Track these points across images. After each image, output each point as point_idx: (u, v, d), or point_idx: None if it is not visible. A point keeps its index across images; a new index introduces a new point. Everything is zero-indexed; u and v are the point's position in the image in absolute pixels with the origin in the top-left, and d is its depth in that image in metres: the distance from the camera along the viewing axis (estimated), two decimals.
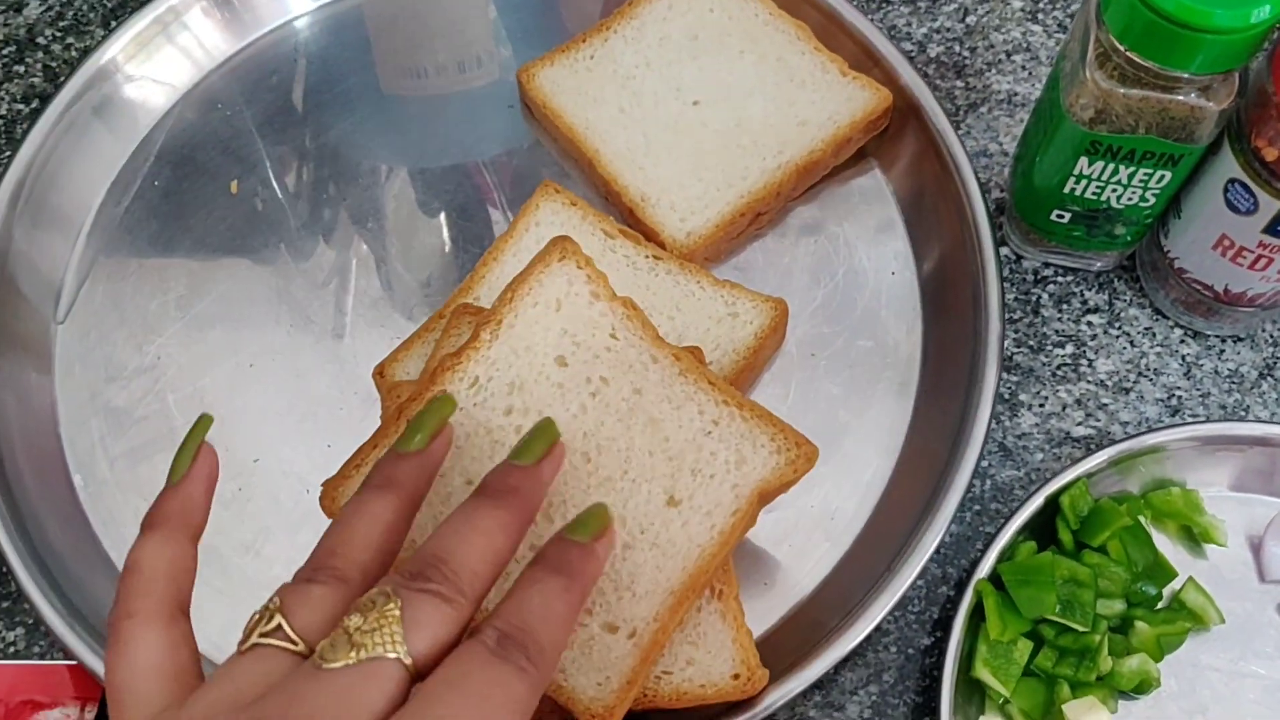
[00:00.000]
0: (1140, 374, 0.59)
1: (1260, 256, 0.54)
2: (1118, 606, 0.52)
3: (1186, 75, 0.48)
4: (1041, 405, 0.59)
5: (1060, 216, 0.58)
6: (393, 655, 0.32)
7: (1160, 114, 0.50)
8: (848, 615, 0.51)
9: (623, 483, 0.49)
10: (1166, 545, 0.56)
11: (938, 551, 0.55)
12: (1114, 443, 0.54)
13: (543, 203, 0.61)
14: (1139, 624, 0.52)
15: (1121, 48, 0.48)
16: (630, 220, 0.62)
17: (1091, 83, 0.50)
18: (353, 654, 0.32)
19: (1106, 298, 0.61)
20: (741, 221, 0.61)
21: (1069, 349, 0.60)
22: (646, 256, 0.59)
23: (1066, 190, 0.56)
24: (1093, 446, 0.57)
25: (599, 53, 0.65)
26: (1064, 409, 0.59)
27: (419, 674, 0.33)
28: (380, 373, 0.57)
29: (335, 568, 0.36)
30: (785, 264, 0.62)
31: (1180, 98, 0.49)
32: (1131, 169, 0.53)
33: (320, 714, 0.31)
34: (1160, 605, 0.54)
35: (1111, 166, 0.53)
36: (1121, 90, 0.50)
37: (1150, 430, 0.55)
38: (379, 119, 0.67)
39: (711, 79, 0.64)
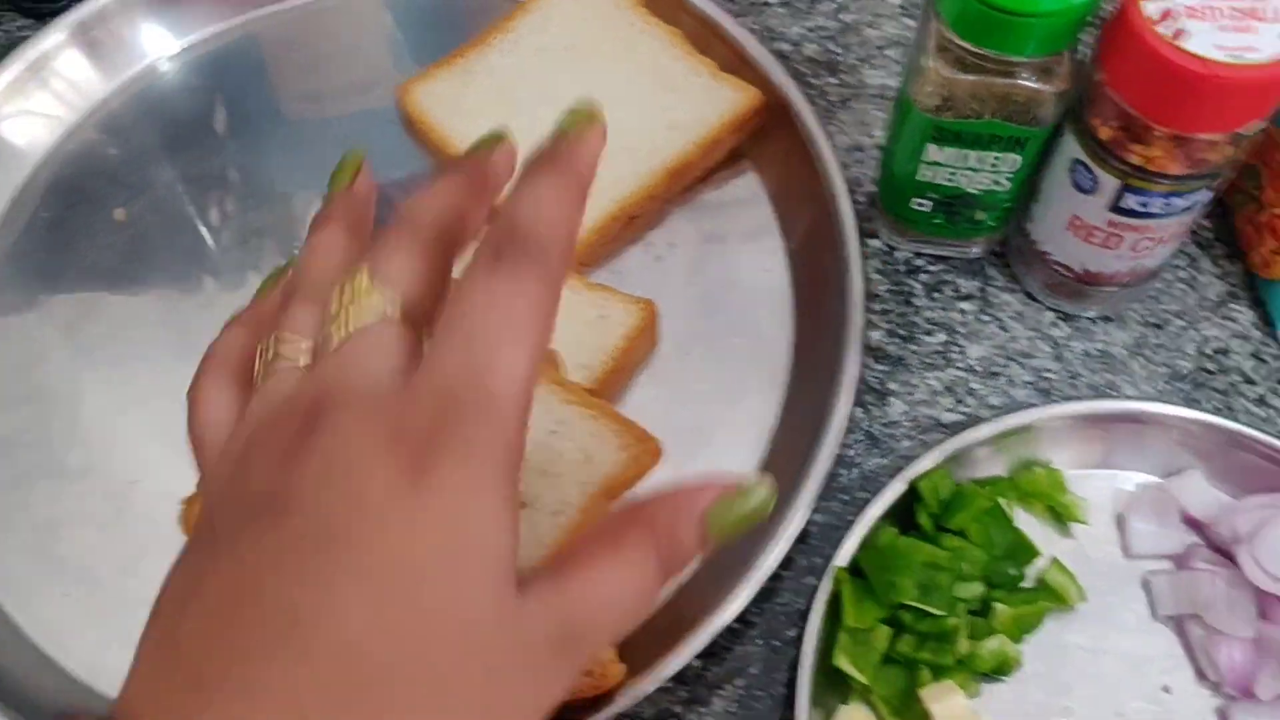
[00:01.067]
0: (1010, 358, 0.60)
1: (1111, 234, 0.54)
2: (977, 589, 0.53)
3: (1021, 60, 0.49)
4: (911, 393, 0.59)
5: (920, 205, 0.58)
6: (375, 308, 0.33)
7: (1003, 99, 0.51)
8: (707, 608, 0.52)
9: None
10: (1035, 526, 0.56)
11: (803, 541, 0.56)
12: (976, 427, 0.55)
13: None
14: (998, 605, 0.53)
15: (956, 38, 0.49)
16: None
17: (934, 71, 0.51)
18: (340, 330, 0.33)
19: (979, 285, 0.62)
20: (615, 226, 0.62)
21: (940, 336, 0.61)
22: None
23: (921, 177, 0.56)
24: (960, 430, 0.58)
25: (476, 66, 0.66)
26: (934, 396, 0.59)
27: (412, 313, 0.34)
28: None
29: (307, 287, 0.36)
30: (661, 266, 0.63)
31: (1019, 82, 0.50)
32: (980, 153, 0.54)
33: (329, 393, 0.31)
34: (1024, 585, 0.54)
35: (961, 152, 0.54)
36: (962, 77, 0.51)
37: (1008, 412, 0.56)
38: (274, 142, 0.68)
39: (587, 88, 0.65)
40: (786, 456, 0.57)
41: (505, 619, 0.30)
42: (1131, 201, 0.52)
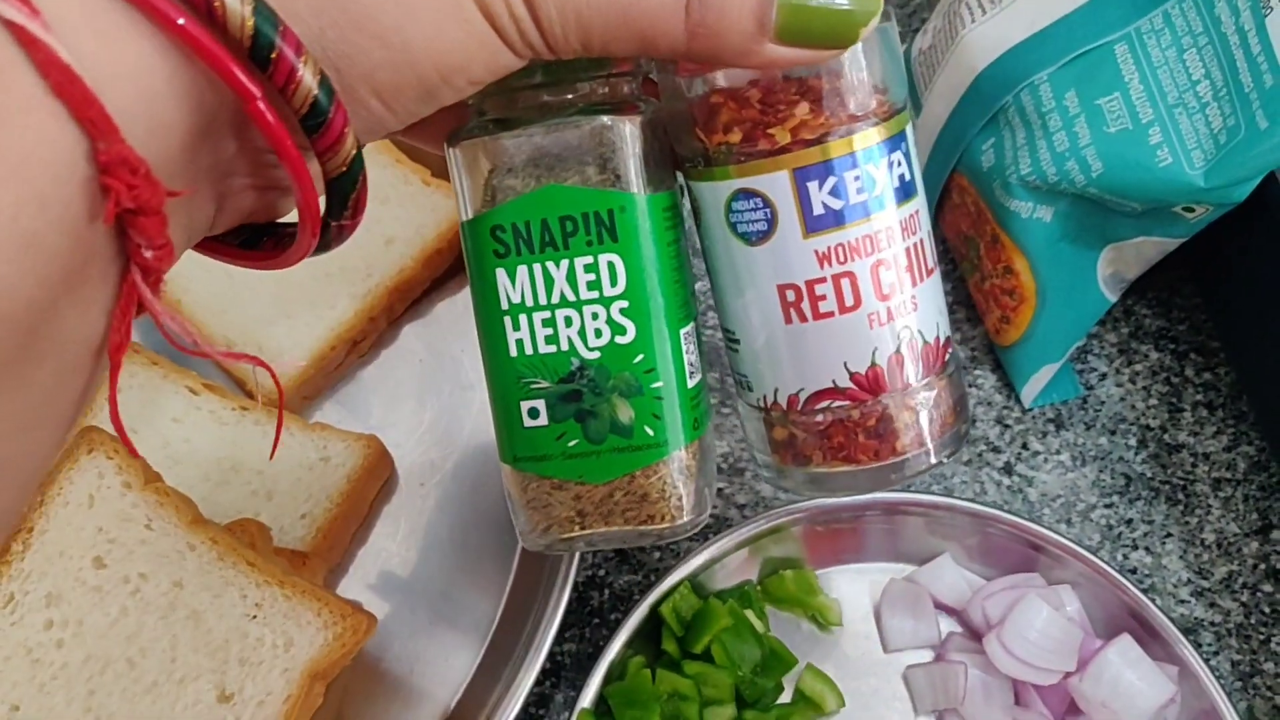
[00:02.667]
0: None
1: (835, 279, 0.35)
2: (728, 712, 0.51)
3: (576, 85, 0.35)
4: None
5: (533, 410, 0.36)
6: None
7: (552, 158, 0.34)
8: None
9: (168, 685, 0.46)
10: (796, 627, 0.55)
11: (555, 675, 0.54)
12: (727, 527, 0.53)
13: (124, 364, 0.57)
14: None
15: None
16: (222, 370, 0.59)
17: (468, 150, 0.35)
18: None
19: (717, 375, 0.60)
20: (335, 355, 0.59)
21: None
22: (233, 409, 0.57)
23: (515, 353, 0.36)
24: (710, 535, 0.56)
25: None
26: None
27: None
28: None
29: None
30: (390, 389, 0.60)
31: (585, 121, 0.34)
32: (567, 261, 0.35)
33: None
34: (783, 698, 0.53)
35: (542, 271, 0.35)
36: (502, 139, 0.34)
37: (759, 509, 0.54)
38: None
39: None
40: (531, 586, 0.54)
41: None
42: (819, 195, 0.34)
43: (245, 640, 0.46)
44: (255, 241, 0.31)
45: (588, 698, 0.50)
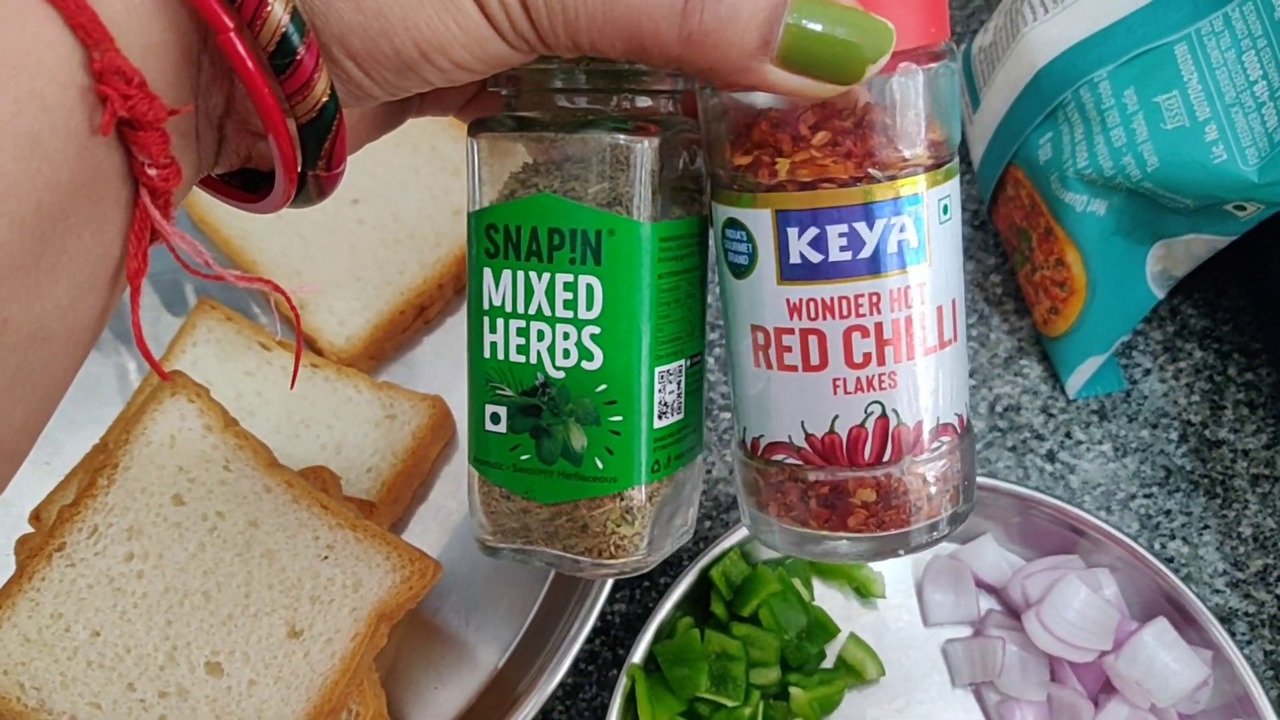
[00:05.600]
0: None
1: (803, 333, 0.33)
2: (773, 675, 0.53)
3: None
4: (710, 471, 0.59)
5: (494, 415, 0.36)
6: None
7: (556, 168, 0.34)
8: (510, 705, 0.51)
9: (244, 619, 0.48)
10: (837, 599, 0.56)
11: (605, 634, 0.55)
12: None
13: (199, 320, 0.60)
14: (793, 689, 0.53)
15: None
16: (293, 330, 0.62)
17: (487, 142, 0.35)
18: None
19: None
20: (404, 319, 0.61)
21: None
22: (304, 365, 0.59)
23: (488, 354, 0.35)
24: None
25: None
26: (731, 473, 0.59)
27: None
28: (37, 516, 0.56)
29: None
30: (455, 356, 0.62)
31: (596, 135, 0.33)
32: (548, 273, 0.34)
33: None
34: (825, 664, 0.54)
35: (522, 276, 0.34)
36: (514, 138, 0.34)
37: None
38: None
39: (367, 175, 0.64)
40: None
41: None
42: (797, 244, 0.32)
43: (317, 579, 0.48)
44: (254, 187, 0.31)
45: (638, 654, 0.52)
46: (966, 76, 0.62)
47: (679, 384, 0.35)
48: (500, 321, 0.34)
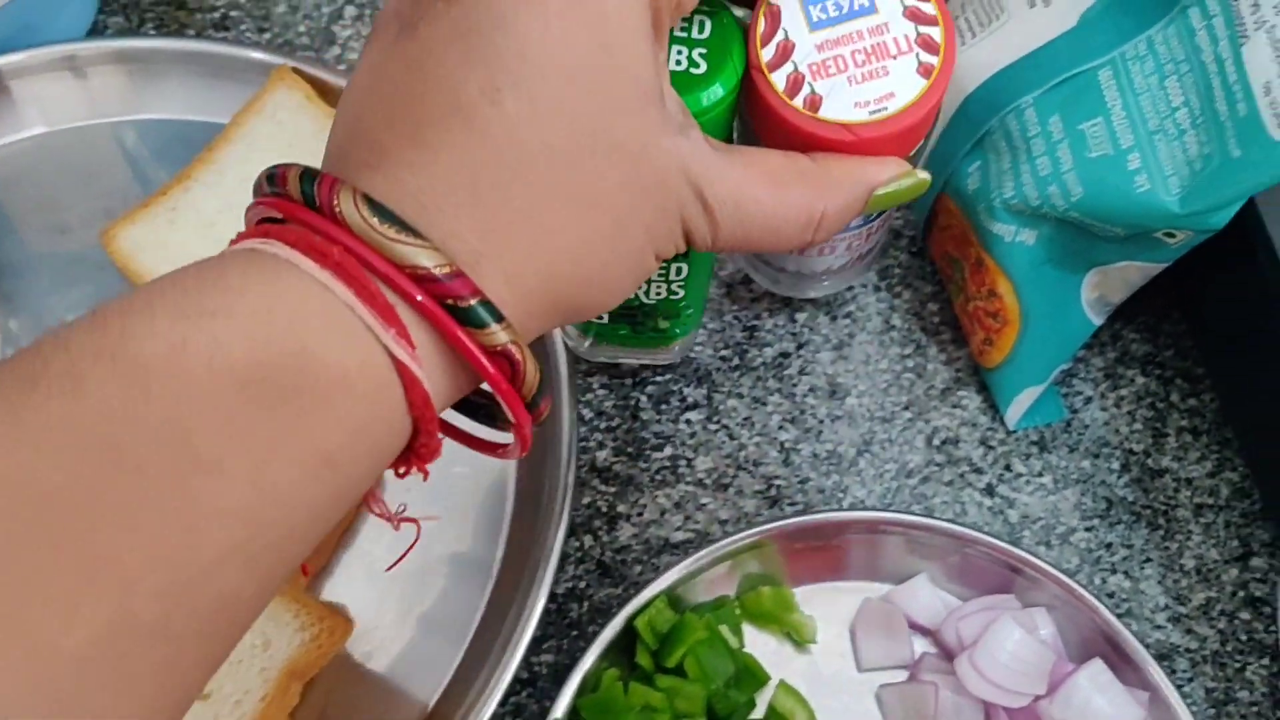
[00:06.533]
0: (740, 467, 0.59)
1: None
2: None
3: None
4: (640, 514, 0.58)
5: (600, 316, 0.54)
6: None
7: None
8: None
9: None
10: (769, 646, 0.55)
11: (532, 685, 0.54)
12: (709, 542, 0.53)
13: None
14: None
15: None
16: None
17: None
18: None
19: (705, 392, 0.60)
20: None
21: (668, 450, 0.59)
22: None
23: None
24: (690, 550, 0.56)
25: (180, 204, 0.63)
26: (663, 515, 0.58)
27: None
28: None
29: None
30: None
31: None
32: None
33: None
34: (756, 713, 0.53)
35: None
36: None
37: (739, 525, 0.55)
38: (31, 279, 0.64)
39: None
40: (509, 598, 0.55)
41: (647, 150, 0.34)
42: None
43: None
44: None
45: (560, 708, 0.51)
46: None
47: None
48: None
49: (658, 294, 0.53)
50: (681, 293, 0.53)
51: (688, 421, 0.60)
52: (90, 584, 0.27)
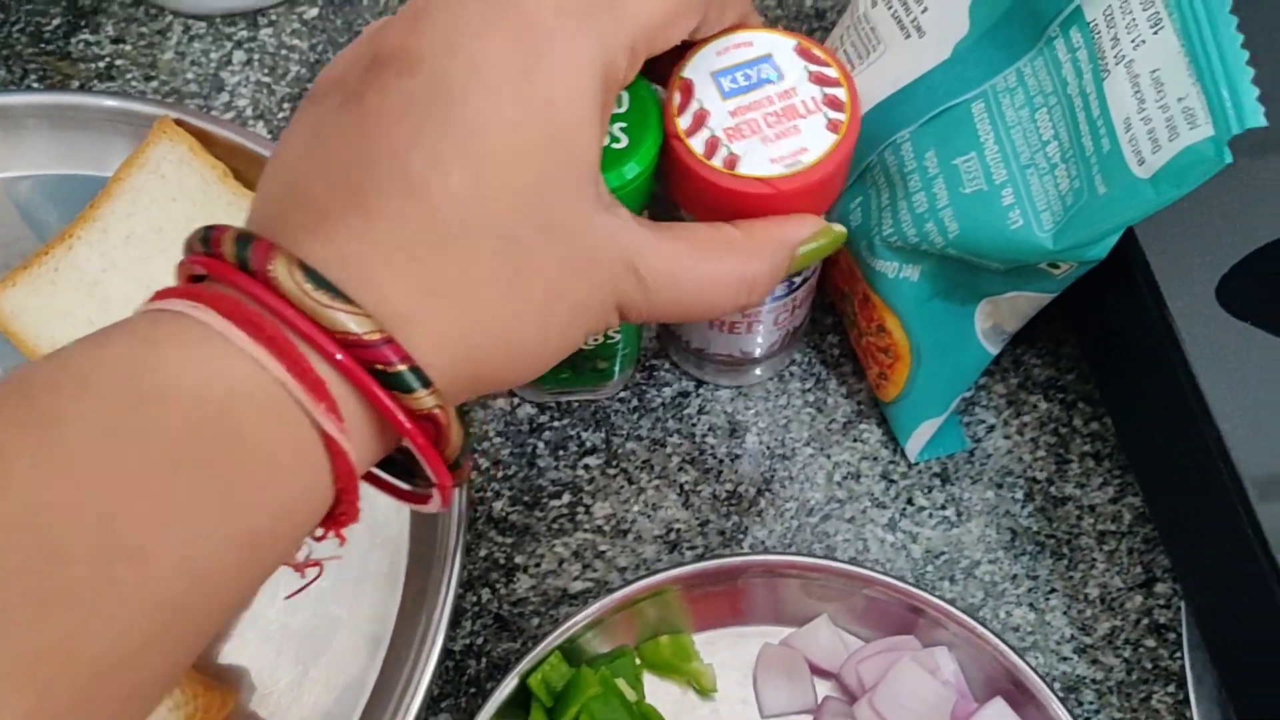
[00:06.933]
0: (639, 512, 0.58)
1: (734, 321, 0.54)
2: None
3: None
4: (538, 564, 0.57)
5: None
6: None
7: None
8: None
9: None
10: (671, 695, 0.54)
11: None
12: (608, 591, 0.52)
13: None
14: None
15: None
16: None
17: None
18: None
19: (604, 436, 0.59)
20: None
21: (566, 498, 0.58)
22: None
23: None
24: (590, 599, 0.55)
25: (63, 264, 0.62)
26: (561, 565, 0.57)
27: None
28: None
29: None
30: None
31: None
32: None
33: None
34: None
35: None
36: None
37: (638, 572, 0.54)
38: None
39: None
40: (403, 657, 0.54)
41: (583, 228, 0.35)
42: None
43: None
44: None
45: None
46: None
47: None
48: None
49: (595, 340, 0.53)
50: (618, 337, 0.54)
51: (585, 467, 0.59)
52: (7, 678, 0.27)
